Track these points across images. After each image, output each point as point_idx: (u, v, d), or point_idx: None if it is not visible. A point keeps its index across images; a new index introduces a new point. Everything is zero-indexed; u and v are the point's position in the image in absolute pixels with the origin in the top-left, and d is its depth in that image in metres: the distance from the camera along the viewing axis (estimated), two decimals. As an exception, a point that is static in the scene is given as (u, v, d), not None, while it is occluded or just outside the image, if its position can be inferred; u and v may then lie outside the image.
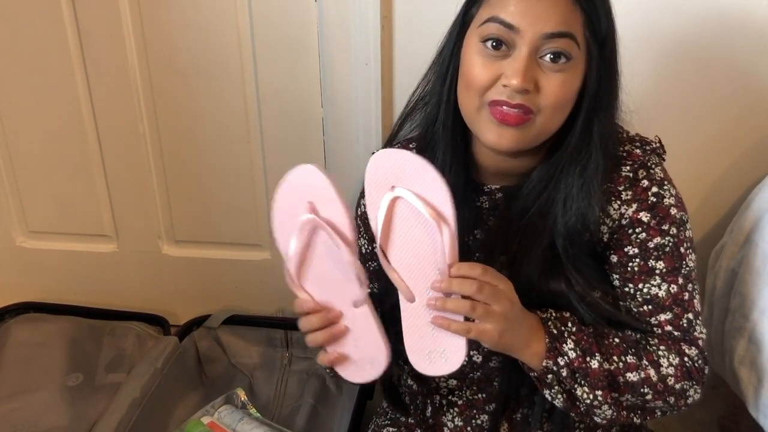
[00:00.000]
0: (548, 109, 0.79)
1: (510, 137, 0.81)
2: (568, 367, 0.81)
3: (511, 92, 0.78)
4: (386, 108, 1.29)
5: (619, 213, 0.86)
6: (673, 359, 0.85)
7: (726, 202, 1.29)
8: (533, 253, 0.85)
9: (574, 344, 0.82)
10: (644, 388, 0.84)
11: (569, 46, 0.77)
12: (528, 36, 0.77)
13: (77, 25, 1.32)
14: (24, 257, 1.59)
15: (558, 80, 0.78)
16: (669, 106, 1.22)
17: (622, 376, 0.83)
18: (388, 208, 0.77)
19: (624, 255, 0.87)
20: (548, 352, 0.81)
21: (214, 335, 1.47)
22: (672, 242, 0.86)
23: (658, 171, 0.87)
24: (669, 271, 0.86)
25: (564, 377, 0.81)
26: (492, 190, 0.92)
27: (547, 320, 0.83)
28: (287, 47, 1.29)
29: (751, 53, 1.17)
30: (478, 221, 0.93)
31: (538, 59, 0.78)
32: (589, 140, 0.82)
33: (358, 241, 1.03)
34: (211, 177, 1.44)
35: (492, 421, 0.93)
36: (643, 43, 1.16)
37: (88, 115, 1.41)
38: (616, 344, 0.84)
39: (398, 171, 0.76)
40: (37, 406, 1.28)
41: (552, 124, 0.82)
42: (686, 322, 0.87)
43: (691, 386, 0.86)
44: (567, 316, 0.84)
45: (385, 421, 1.08)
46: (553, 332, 0.82)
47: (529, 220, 0.86)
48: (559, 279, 0.85)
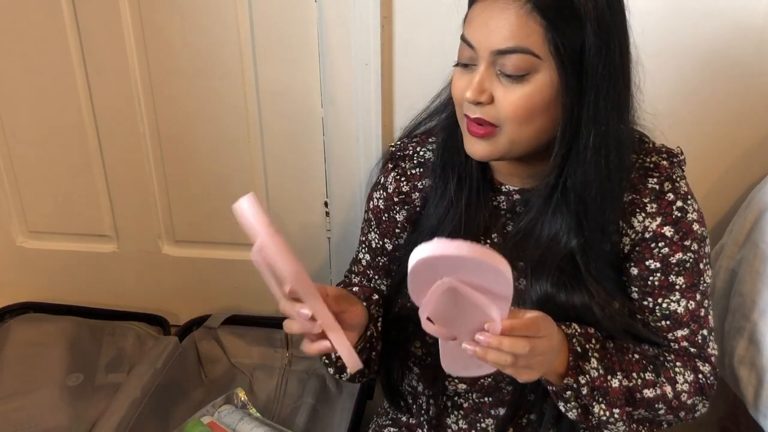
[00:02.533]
0: (510, 122, 0.78)
1: (481, 148, 0.81)
2: (589, 385, 0.80)
3: (470, 105, 0.79)
4: (386, 108, 1.29)
5: (643, 225, 0.86)
6: (688, 376, 0.85)
7: (726, 202, 1.29)
8: (551, 261, 0.84)
9: (597, 362, 0.81)
10: (659, 404, 0.84)
11: (525, 61, 0.75)
12: (481, 53, 0.77)
13: (77, 25, 1.32)
14: (24, 257, 1.59)
15: (515, 94, 0.77)
16: (669, 107, 1.22)
17: (640, 392, 0.83)
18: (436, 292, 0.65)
19: (645, 268, 0.86)
20: (570, 370, 0.79)
21: (214, 335, 1.47)
22: (693, 258, 0.86)
23: (683, 185, 0.87)
24: (688, 287, 0.86)
25: (584, 395, 0.81)
26: (510, 191, 0.91)
27: (572, 337, 0.81)
28: (287, 47, 1.29)
29: (752, 53, 1.17)
30: (495, 222, 0.91)
31: (497, 72, 0.78)
32: (580, 148, 0.80)
33: (369, 235, 1.02)
34: (211, 177, 1.44)
35: (498, 426, 0.93)
36: (642, 44, 1.15)
37: (88, 115, 1.41)
38: (636, 360, 0.84)
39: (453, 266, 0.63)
40: (37, 406, 1.28)
41: (523, 135, 0.79)
42: (701, 338, 0.87)
43: (701, 401, 0.87)
44: (591, 332, 0.83)
45: (386, 421, 1.08)
46: (577, 350, 0.80)
47: (543, 227, 0.85)
48: (580, 289, 0.83)
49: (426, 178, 0.94)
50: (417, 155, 0.96)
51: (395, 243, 0.98)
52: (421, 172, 0.95)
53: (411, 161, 0.96)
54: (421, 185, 0.95)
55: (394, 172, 0.97)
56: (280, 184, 1.43)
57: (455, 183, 0.90)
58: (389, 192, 0.97)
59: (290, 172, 1.41)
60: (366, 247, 1.02)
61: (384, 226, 0.99)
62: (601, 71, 0.77)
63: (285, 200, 1.44)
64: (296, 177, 1.41)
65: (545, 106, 0.78)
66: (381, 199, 0.98)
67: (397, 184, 0.96)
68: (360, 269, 1.03)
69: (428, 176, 0.94)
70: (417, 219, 0.95)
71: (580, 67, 0.77)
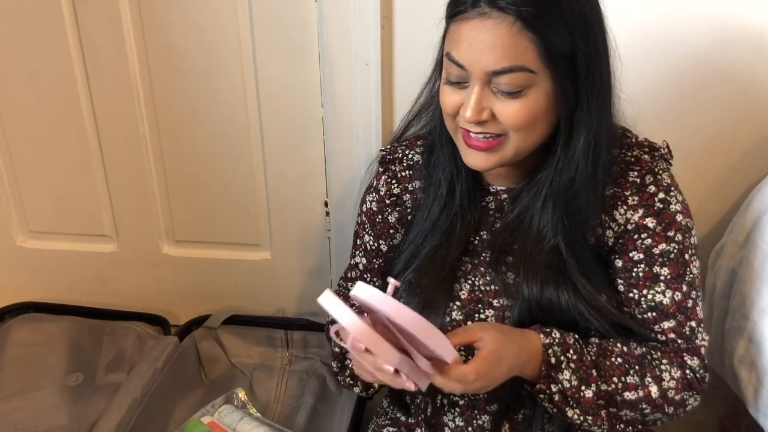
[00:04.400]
0: (514, 132, 0.80)
1: (484, 159, 0.83)
2: (561, 393, 0.83)
3: (469, 123, 0.79)
4: (386, 108, 1.29)
5: (625, 218, 0.87)
6: (675, 372, 0.86)
7: (726, 202, 1.29)
8: (538, 255, 0.85)
9: (571, 374, 0.83)
10: (642, 404, 0.85)
11: (520, 78, 0.76)
12: (475, 74, 0.77)
13: (77, 25, 1.32)
14: (24, 257, 1.59)
15: (515, 107, 0.78)
16: (669, 107, 1.22)
17: (620, 395, 0.84)
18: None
19: (629, 260, 0.87)
20: (543, 378, 0.82)
21: (214, 335, 1.47)
22: (677, 249, 0.86)
23: (665, 177, 0.87)
24: (673, 278, 0.86)
25: (556, 400, 0.83)
26: (498, 191, 0.93)
27: (548, 347, 0.83)
28: (287, 47, 1.29)
29: (751, 54, 1.17)
30: (484, 221, 0.93)
31: (492, 89, 0.78)
32: (574, 148, 0.82)
33: (364, 238, 1.03)
34: (211, 177, 1.44)
35: (493, 422, 0.93)
36: (642, 44, 1.16)
37: (88, 115, 1.41)
38: (618, 365, 0.85)
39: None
40: (37, 406, 1.28)
41: (527, 142, 0.81)
42: (689, 330, 0.87)
43: (691, 395, 0.87)
44: (570, 342, 0.84)
45: (385, 420, 1.08)
46: (550, 361, 0.82)
47: (531, 223, 0.87)
48: (566, 283, 0.85)
49: (416, 180, 0.97)
50: (406, 158, 0.99)
51: (390, 244, 1.01)
52: (411, 175, 0.98)
53: (401, 164, 0.99)
54: (411, 187, 0.98)
55: (384, 175, 1.00)
56: (280, 184, 1.43)
57: (445, 186, 0.92)
58: (381, 194, 1.00)
59: (290, 172, 1.41)
60: (362, 251, 1.05)
61: (378, 227, 1.01)
62: (592, 72, 0.79)
63: (285, 200, 1.44)
64: (296, 177, 1.41)
65: (544, 113, 0.80)
66: (373, 201, 1.01)
67: (388, 187, 0.99)
68: (356, 274, 1.06)
69: (418, 178, 0.97)
70: (409, 220, 0.98)
71: (573, 72, 0.78)
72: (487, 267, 0.91)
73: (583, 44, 0.78)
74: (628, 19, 1.11)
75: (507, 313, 0.89)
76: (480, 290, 0.91)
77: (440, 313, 0.90)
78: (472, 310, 0.90)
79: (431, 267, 0.91)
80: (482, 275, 0.91)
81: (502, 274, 0.89)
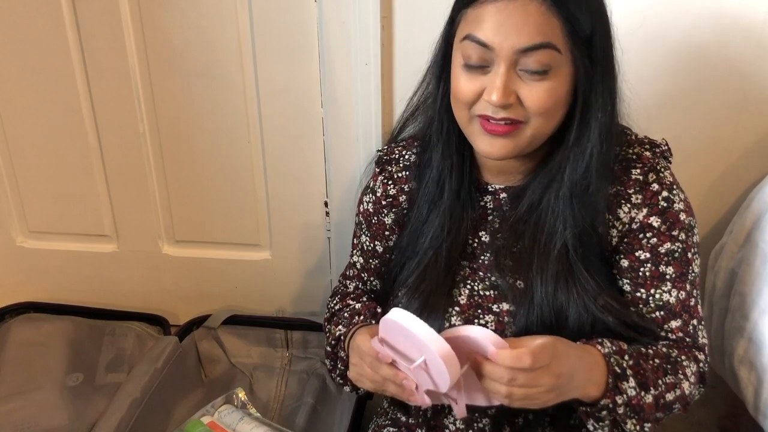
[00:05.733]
0: (536, 117, 0.79)
1: (501, 146, 0.82)
2: (626, 404, 0.79)
3: (494, 107, 0.78)
4: (386, 108, 1.29)
5: (630, 216, 0.86)
6: (693, 367, 0.85)
7: (726, 202, 1.29)
8: (549, 254, 0.84)
9: (634, 380, 0.79)
10: (677, 403, 0.84)
11: (548, 56, 0.76)
12: (503, 53, 0.77)
13: (77, 25, 1.32)
14: (24, 257, 1.59)
15: (541, 89, 0.78)
16: (669, 106, 1.22)
17: (663, 398, 0.82)
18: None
19: (635, 260, 0.87)
20: (609, 391, 0.78)
21: (214, 335, 1.47)
22: (681, 248, 0.86)
23: (667, 175, 0.87)
24: (678, 276, 0.86)
25: (619, 414, 0.79)
26: (496, 189, 0.92)
27: (609, 356, 0.79)
28: (287, 47, 1.29)
29: (751, 53, 1.17)
30: (483, 222, 0.92)
31: (518, 71, 0.78)
32: (588, 137, 0.82)
33: (361, 238, 1.03)
34: (211, 177, 1.44)
35: (494, 425, 0.93)
36: (643, 43, 1.16)
37: (88, 115, 1.41)
38: (657, 366, 0.83)
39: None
40: (37, 406, 1.28)
41: (545, 128, 0.81)
42: (692, 328, 0.87)
43: (698, 389, 0.87)
44: (624, 348, 0.81)
45: (386, 421, 1.08)
46: (616, 371, 0.79)
47: (534, 222, 0.86)
48: (575, 284, 0.84)
49: (412, 180, 0.96)
50: (403, 159, 0.99)
51: (385, 245, 1.01)
52: (407, 176, 0.97)
53: (397, 165, 0.99)
54: (407, 188, 0.97)
55: (381, 176, 1.00)
56: (280, 184, 1.43)
57: (434, 184, 0.91)
58: (377, 195, 1.00)
59: (290, 172, 1.41)
60: (359, 250, 1.05)
61: (374, 228, 1.01)
62: (606, 57, 0.80)
63: (285, 200, 1.44)
64: (296, 177, 1.41)
65: (564, 98, 0.80)
66: (370, 202, 1.01)
67: (385, 188, 0.99)
68: (354, 273, 1.06)
69: (414, 179, 0.96)
70: (405, 221, 0.97)
71: (590, 57, 0.79)
72: (486, 271, 0.90)
73: (600, 30, 0.79)
74: (627, 18, 1.11)
75: (507, 318, 0.88)
76: (479, 295, 0.90)
77: (440, 317, 0.89)
78: (472, 316, 0.89)
79: (429, 270, 0.90)
80: (481, 280, 0.90)
81: (505, 277, 0.88)
